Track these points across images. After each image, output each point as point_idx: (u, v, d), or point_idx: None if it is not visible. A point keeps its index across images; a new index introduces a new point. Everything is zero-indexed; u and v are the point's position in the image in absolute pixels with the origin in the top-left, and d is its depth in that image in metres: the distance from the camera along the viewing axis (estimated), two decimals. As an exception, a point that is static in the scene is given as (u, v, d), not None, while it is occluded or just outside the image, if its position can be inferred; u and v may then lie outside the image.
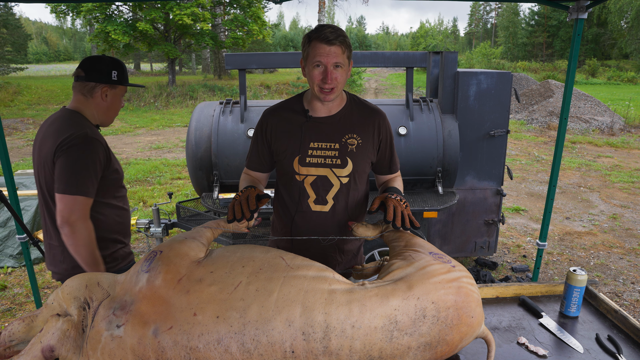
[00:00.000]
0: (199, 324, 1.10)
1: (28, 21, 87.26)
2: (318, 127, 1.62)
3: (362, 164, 1.65)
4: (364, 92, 21.74)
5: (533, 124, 12.11)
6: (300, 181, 1.63)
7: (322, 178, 1.63)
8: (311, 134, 1.62)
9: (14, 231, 4.21)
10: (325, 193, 1.64)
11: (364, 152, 1.64)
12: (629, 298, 3.71)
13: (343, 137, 1.62)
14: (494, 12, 67.24)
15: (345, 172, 1.63)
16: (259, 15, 19.35)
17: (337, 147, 1.61)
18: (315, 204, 1.65)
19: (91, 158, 1.67)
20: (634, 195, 6.49)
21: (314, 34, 1.48)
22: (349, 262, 1.82)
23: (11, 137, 10.66)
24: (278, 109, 1.68)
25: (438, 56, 3.81)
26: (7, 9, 28.78)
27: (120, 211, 1.88)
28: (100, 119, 1.82)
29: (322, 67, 1.49)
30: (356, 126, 1.64)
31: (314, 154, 1.61)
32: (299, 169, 1.62)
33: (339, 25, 15.36)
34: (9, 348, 1.23)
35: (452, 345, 1.19)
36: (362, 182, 1.71)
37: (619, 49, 38.36)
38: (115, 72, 1.76)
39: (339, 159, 1.61)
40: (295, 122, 1.63)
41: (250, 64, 3.50)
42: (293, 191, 1.66)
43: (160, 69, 37.35)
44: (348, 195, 1.67)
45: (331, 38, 1.45)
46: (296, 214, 1.68)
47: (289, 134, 1.63)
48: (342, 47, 1.48)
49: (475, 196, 3.79)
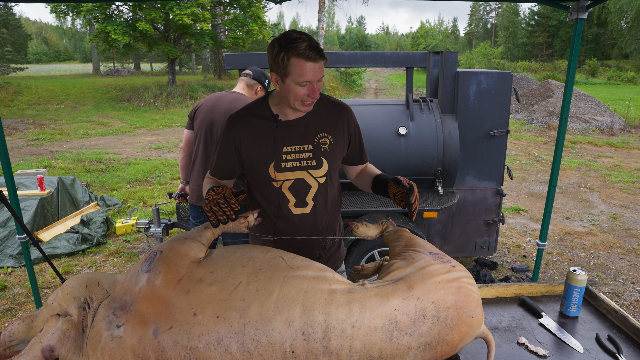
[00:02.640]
0: (199, 324, 1.10)
1: (28, 21, 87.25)
2: (289, 131, 1.58)
3: (336, 161, 1.66)
4: (364, 92, 21.73)
5: (533, 124, 12.11)
6: (277, 187, 1.60)
7: (299, 181, 1.60)
8: (283, 138, 1.58)
9: (14, 231, 4.21)
10: (304, 195, 1.63)
11: (337, 149, 1.65)
12: (629, 298, 3.71)
13: (315, 137, 1.60)
14: (494, 12, 67.25)
15: (321, 172, 1.62)
16: (259, 15, 19.34)
17: (310, 149, 1.60)
18: (296, 207, 1.64)
19: None
20: (634, 195, 6.49)
21: (292, 50, 1.39)
22: (332, 256, 1.82)
23: (11, 137, 10.66)
24: (244, 115, 1.61)
25: (438, 56, 3.81)
26: (7, 9, 28.77)
27: None
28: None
29: (309, 84, 1.45)
30: (327, 125, 1.63)
31: (289, 157, 1.58)
32: (275, 175, 1.58)
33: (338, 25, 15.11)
34: (9, 348, 1.24)
35: (452, 345, 1.19)
36: (336, 177, 1.72)
37: (619, 49, 38.36)
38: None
39: (313, 159, 1.60)
40: (265, 127, 1.58)
41: (250, 64, 3.50)
42: (272, 197, 1.63)
43: (160, 69, 37.35)
44: (326, 193, 1.66)
45: (314, 56, 1.40)
46: (278, 219, 1.66)
47: (260, 140, 1.58)
48: (324, 60, 1.44)
49: (475, 196, 3.79)
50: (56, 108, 15.18)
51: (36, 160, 8.31)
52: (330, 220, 1.73)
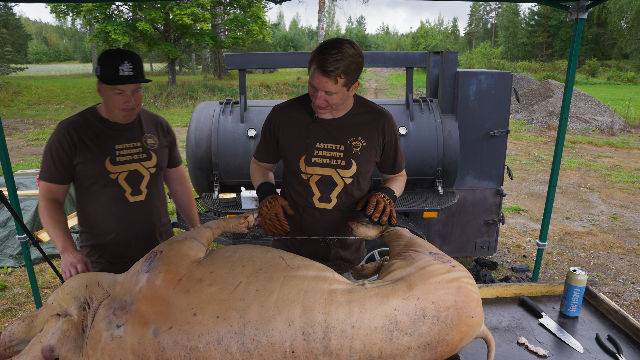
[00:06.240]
0: (199, 324, 1.10)
1: (28, 21, 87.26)
2: (324, 129, 1.66)
3: (366, 165, 1.70)
4: (364, 92, 21.74)
5: (533, 124, 12.11)
6: (306, 179, 1.69)
7: (326, 177, 1.67)
8: (317, 135, 1.66)
9: (14, 231, 4.21)
10: (329, 192, 1.69)
11: (368, 154, 1.69)
12: (629, 298, 3.71)
13: (348, 139, 1.66)
14: (494, 12, 67.24)
15: (349, 174, 1.67)
16: (259, 15, 19.34)
17: (342, 149, 1.66)
18: (320, 202, 1.70)
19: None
20: (634, 195, 6.49)
21: (317, 55, 1.48)
22: (351, 255, 1.86)
23: (11, 137, 10.66)
24: (287, 107, 1.73)
25: (438, 56, 3.81)
26: (7, 9, 28.77)
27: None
28: (105, 112, 1.83)
29: (315, 89, 1.53)
30: (361, 129, 1.68)
31: (320, 154, 1.66)
32: (305, 168, 1.67)
33: (338, 25, 15.04)
34: (9, 348, 1.24)
35: (452, 345, 1.19)
36: (366, 182, 1.76)
37: (619, 49, 38.35)
38: (98, 68, 1.71)
39: (343, 160, 1.66)
40: (302, 121, 1.68)
41: (250, 64, 3.50)
42: (299, 188, 1.72)
43: (160, 69, 37.33)
44: (352, 194, 1.71)
45: (328, 69, 1.46)
46: (305, 209, 1.73)
47: (296, 132, 1.68)
48: (337, 79, 1.48)
49: (475, 196, 3.79)
50: (56, 108, 15.17)
51: (36, 160, 8.31)
52: (352, 220, 1.75)
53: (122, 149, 1.83)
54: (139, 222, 1.91)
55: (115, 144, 1.81)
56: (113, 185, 1.81)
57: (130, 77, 1.69)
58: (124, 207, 1.84)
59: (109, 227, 1.85)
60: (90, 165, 1.76)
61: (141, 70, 1.74)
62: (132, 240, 1.90)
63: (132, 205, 1.86)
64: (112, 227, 1.85)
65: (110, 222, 1.85)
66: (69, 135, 1.75)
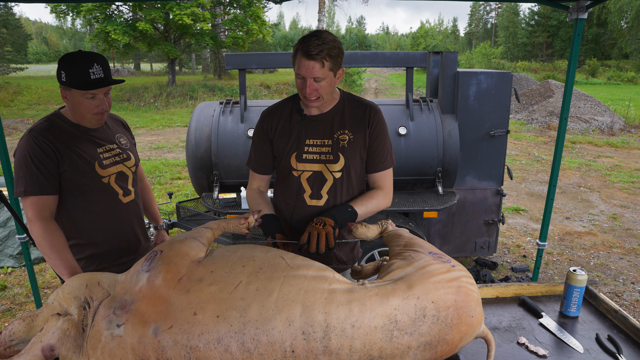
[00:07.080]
0: (199, 323, 1.10)
1: (28, 21, 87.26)
2: (313, 125, 1.71)
3: (354, 159, 1.72)
4: (364, 92, 21.74)
5: (533, 124, 12.11)
6: (297, 177, 1.72)
7: (317, 173, 1.71)
8: (307, 132, 1.71)
9: (14, 231, 4.21)
10: (320, 188, 1.72)
11: (356, 147, 1.71)
12: (629, 298, 3.71)
13: (335, 133, 1.70)
14: (494, 12, 67.23)
15: (337, 167, 1.70)
16: (259, 15, 19.35)
17: (329, 144, 1.70)
18: (311, 199, 1.73)
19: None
20: (634, 195, 6.49)
21: (299, 45, 1.53)
22: (346, 256, 1.87)
23: (11, 137, 10.66)
24: (275, 109, 1.78)
25: (438, 56, 3.81)
26: (7, 9, 28.78)
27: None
28: (74, 118, 1.75)
29: (303, 79, 1.56)
30: (347, 122, 1.71)
31: (310, 150, 1.70)
32: (296, 165, 1.71)
33: (338, 25, 15.08)
34: (9, 347, 1.24)
35: (452, 344, 1.19)
36: (357, 179, 1.76)
37: (619, 49, 38.35)
38: (63, 73, 1.62)
39: (331, 154, 1.69)
40: (292, 121, 1.73)
41: (250, 64, 3.50)
42: (291, 186, 1.74)
43: (160, 69, 37.34)
44: (342, 190, 1.73)
45: (313, 53, 1.50)
46: (295, 208, 1.75)
47: (287, 132, 1.73)
48: (323, 62, 1.52)
49: (475, 196, 3.79)
50: (56, 108, 15.13)
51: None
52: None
53: (104, 151, 1.79)
54: (134, 220, 1.92)
55: (96, 147, 1.77)
56: (106, 189, 1.78)
57: (102, 79, 1.64)
58: (119, 209, 1.83)
59: (106, 233, 1.81)
60: (80, 172, 1.69)
61: (109, 71, 1.70)
62: (131, 239, 1.90)
63: (125, 206, 1.86)
64: (109, 233, 1.82)
65: (108, 228, 1.81)
66: (50, 142, 1.63)
